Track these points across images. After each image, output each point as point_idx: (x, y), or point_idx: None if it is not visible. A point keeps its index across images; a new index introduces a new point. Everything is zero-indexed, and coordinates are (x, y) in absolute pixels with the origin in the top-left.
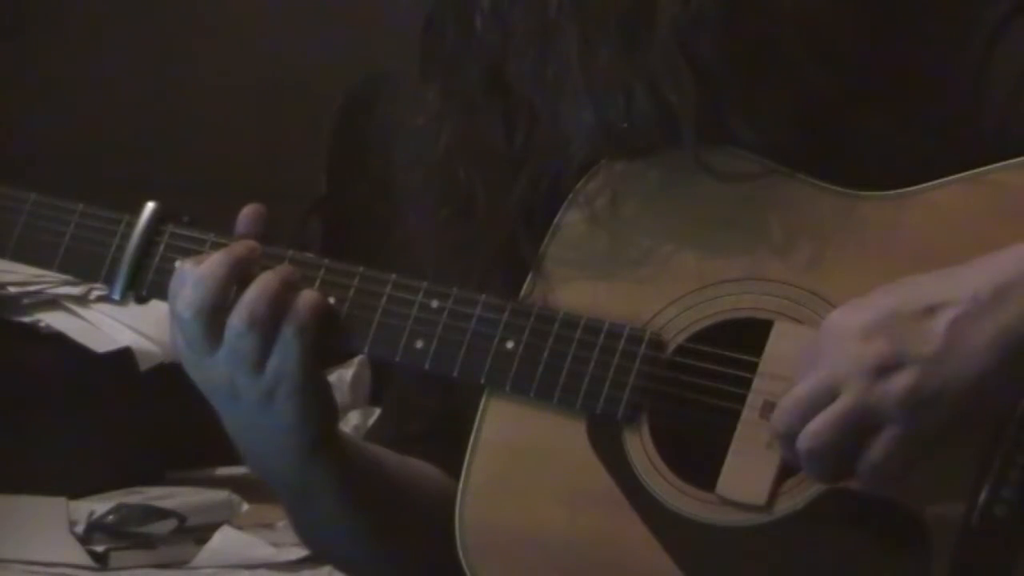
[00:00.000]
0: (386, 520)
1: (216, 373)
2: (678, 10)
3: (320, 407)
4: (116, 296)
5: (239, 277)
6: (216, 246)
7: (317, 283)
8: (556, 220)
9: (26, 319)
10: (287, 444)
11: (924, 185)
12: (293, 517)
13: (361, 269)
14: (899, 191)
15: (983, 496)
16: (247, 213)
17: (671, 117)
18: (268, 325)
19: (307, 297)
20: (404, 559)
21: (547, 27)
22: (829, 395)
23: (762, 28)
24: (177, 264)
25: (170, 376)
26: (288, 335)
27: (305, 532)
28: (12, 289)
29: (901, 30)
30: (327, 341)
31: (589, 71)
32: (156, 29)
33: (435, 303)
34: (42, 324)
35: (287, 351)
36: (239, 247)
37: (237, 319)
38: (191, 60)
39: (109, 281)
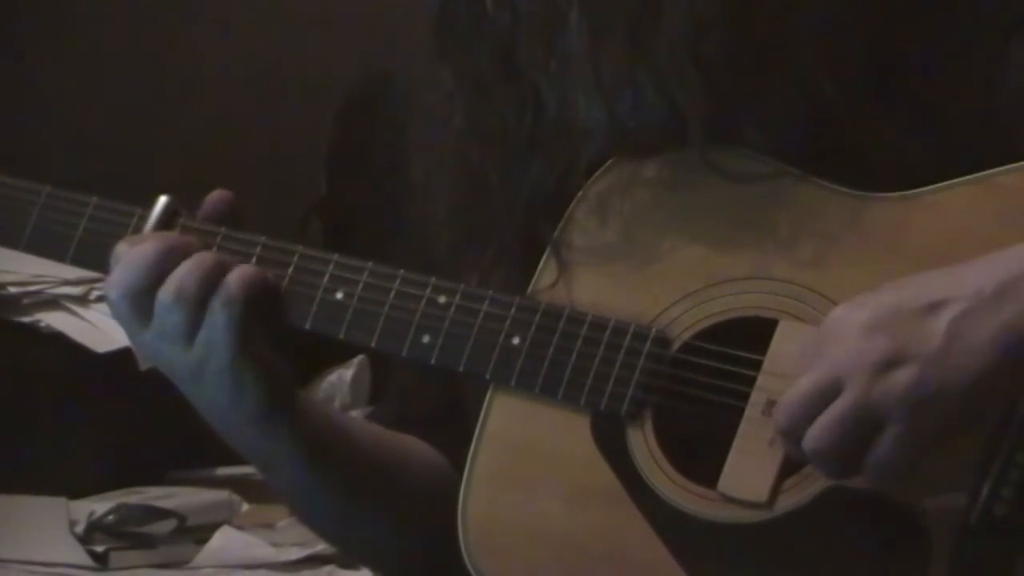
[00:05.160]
0: (361, 493)
1: (151, 350)
2: (684, 11)
3: (261, 382)
4: None
5: (167, 264)
6: (227, 239)
7: (326, 278)
8: (567, 214)
9: (26, 319)
10: (231, 417)
11: (931, 187)
12: (269, 484)
13: (370, 264)
14: (906, 193)
15: (983, 495)
16: (212, 200)
17: (680, 116)
18: (194, 300)
19: (239, 271)
20: (384, 531)
21: (556, 16)
22: (831, 392)
23: (770, 31)
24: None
25: None
26: (215, 308)
27: (284, 499)
28: (12, 289)
29: (911, 35)
30: (266, 315)
31: (598, 64)
32: (156, 28)
33: (442, 299)
34: (42, 324)
35: (214, 325)
36: (172, 236)
37: (164, 293)
38: (191, 60)
39: None
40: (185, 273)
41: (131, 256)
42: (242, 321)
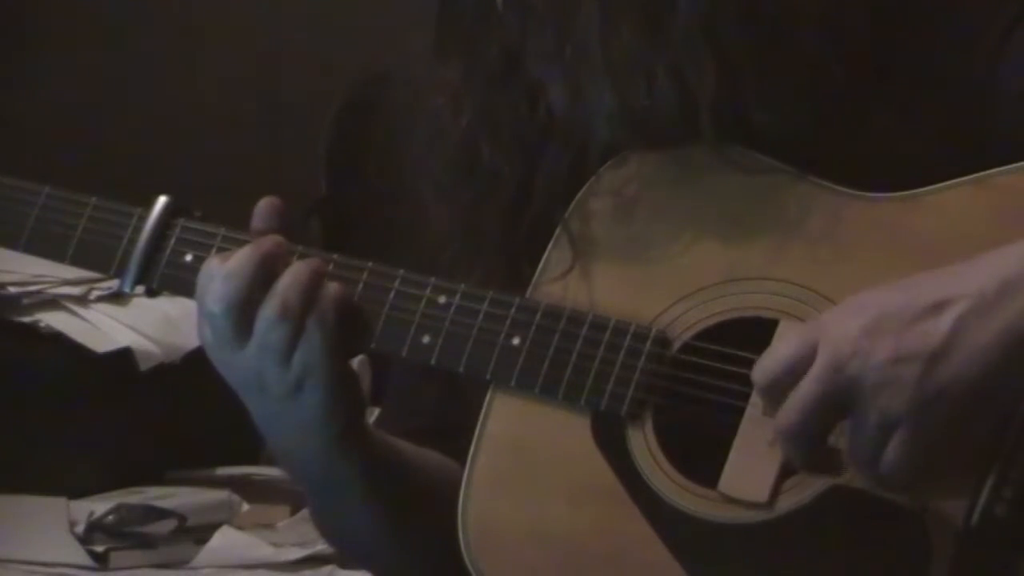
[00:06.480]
0: (411, 510)
1: (244, 366)
2: None
3: (346, 400)
4: (127, 289)
5: (268, 271)
6: (227, 240)
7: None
8: (575, 202)
9: (26, 319)
10: (314, 436)
11: (933, 187)
12: (318, 512)
13: (370, 264)
14: (907, 192)
15: (983, 496)
16: (263, 208)
17: (691, 101)
18: (298, 315)
19: (330, 289)
20: (429, 550)
21: (567, 5)
22: (838, 397)
23: (779, 12)
24: (204, 261)
25: (170, 376)
26: (311, 326)
27: (330, 527)
28: (12, 289)
29: (914, 30)
30: (350, 335)
31: (610, 52)
32: (156, 29)
33: (442, 299)
34: (42, 324)
35: (311, 342)
36: (266, 242)
37: (269, 310)
38: (191, 60)
39: (120, 274)
40: (287, 287)
41: (232, 267)
42: (336, 339)
